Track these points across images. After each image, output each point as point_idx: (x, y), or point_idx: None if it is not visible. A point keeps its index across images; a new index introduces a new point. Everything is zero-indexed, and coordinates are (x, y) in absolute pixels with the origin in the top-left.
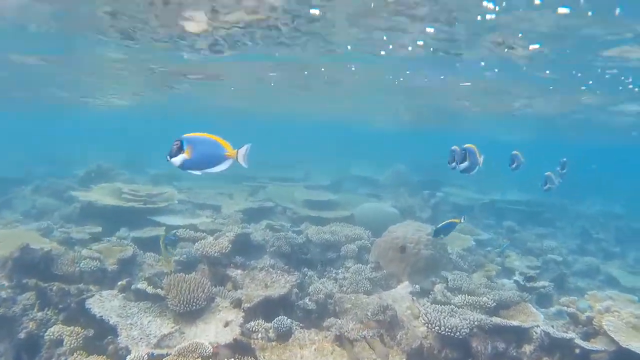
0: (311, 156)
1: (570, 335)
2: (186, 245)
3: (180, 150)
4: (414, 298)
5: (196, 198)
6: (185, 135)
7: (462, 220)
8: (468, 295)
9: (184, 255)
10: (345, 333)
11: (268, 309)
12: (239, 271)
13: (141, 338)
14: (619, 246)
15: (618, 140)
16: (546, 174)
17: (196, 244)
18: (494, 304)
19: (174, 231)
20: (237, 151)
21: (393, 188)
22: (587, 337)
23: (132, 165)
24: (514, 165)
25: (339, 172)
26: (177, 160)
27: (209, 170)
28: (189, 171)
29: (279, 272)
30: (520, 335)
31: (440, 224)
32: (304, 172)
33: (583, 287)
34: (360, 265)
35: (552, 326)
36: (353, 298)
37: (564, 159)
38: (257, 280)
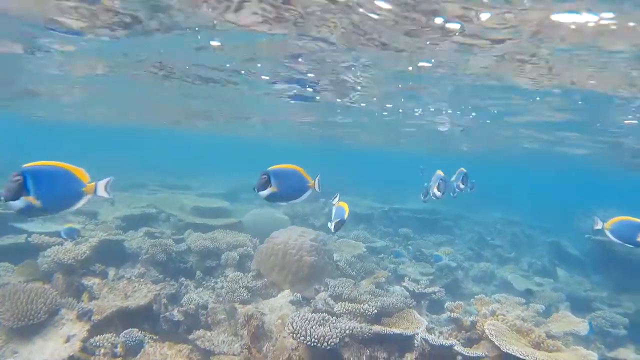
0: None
1: (450, 342)
2: None
3: (268, 184)
4: (294, 307)
5: None
6: (271, 169)
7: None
8: (348, 303)
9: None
10: (207, 345)
11: (127, 322)
12: (97, 280)
13: None
14: (514, 251)
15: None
16: (425, 184)
17: (47, 250)
18: (376, 311)
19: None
20: (315, 181)
21: None
22: (470, 342)
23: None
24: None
25: (239, 182)
26: (265, 193)
27: (293, 202)
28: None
29: (142, 280)
30: (403, 343)
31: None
32: (202, 181)
33: (478, 292)
34: (239, 273)
35: (434, 333)
36: (228, 308)
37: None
38: (116, 290)
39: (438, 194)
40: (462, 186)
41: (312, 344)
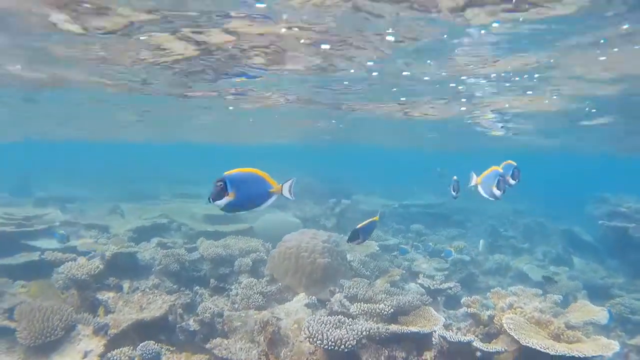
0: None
1: (468, 338)
2: None
3: (224, 191)
4: (309, 310)
5: (84, 219)
6: (227, 174)
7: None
8: (364, 303)
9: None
10: (224, 354)
11: (144, 334)
12: (111, 294)
13: None
14: (528, 242)
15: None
16: (454, 178)
17: (61, 266)
18: (392, 310)
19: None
20: (282, 185)
21: (299, 198)
22: (489, 337)
23: (19, 188)
24: None
25: None
26: (221, 203)
27: (255, 210)
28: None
29: (156, 292)
30: (421, 341)
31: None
32: (204, 184)
33: (494, 286)
34: (252, 279)
35: (452, 329)
36: (243, 315)
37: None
38: (131, 303)
39: (498, 192)
40: (512, 182)
41: (330, 348)
